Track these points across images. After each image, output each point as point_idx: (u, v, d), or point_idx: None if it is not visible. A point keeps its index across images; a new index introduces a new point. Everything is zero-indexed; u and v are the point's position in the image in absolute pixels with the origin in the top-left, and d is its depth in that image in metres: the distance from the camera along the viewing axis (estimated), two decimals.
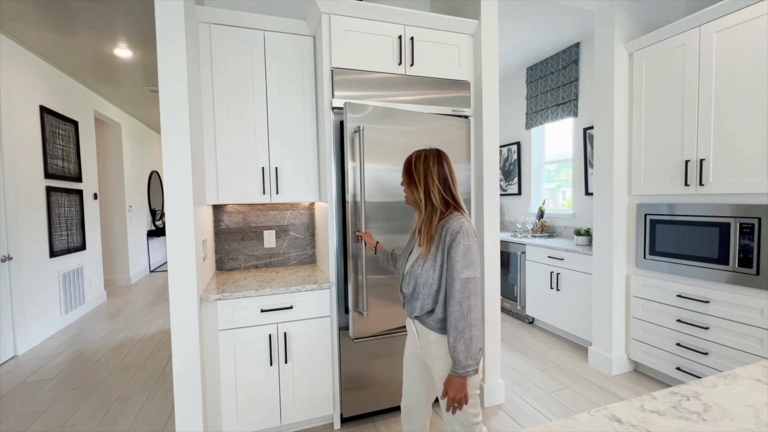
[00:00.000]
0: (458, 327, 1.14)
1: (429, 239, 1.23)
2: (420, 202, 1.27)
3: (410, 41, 2.07)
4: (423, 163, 1.28)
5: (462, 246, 1.17)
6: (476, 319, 1.15)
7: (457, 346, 1.13)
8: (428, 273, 1.24)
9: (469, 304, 1.14)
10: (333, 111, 1.97)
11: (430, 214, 1.25)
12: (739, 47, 1.98)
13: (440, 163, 1.27)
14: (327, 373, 2.00)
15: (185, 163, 1.65)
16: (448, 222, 1.21)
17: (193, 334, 1.68)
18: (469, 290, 1.15)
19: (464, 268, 1.16)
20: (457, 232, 1.18)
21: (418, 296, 1.27)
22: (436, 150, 1.31)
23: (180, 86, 1.63)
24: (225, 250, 2.38)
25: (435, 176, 1.26)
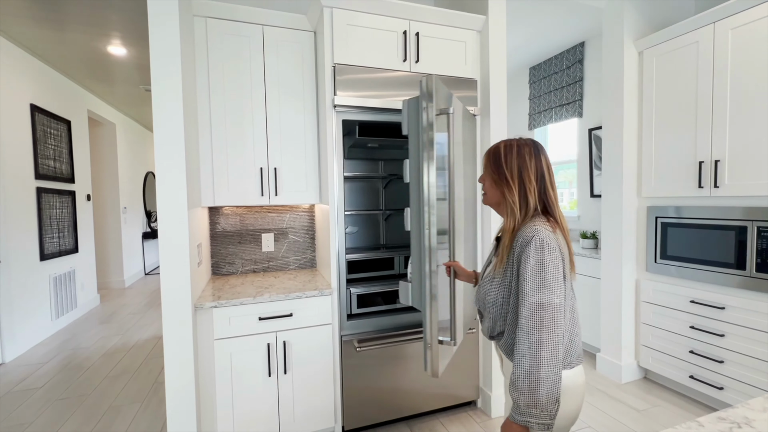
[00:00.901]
0: (522, 364, 0.89)
1: (509, 249, 1.01)
2: (514, 205, 1.01)
3: (416, 37, 1.99)
4: (517, 155, 1.03)
5: (532, 261, 0.92)
6: (549, 358, 0.87)
7: (519, 385, 0.89)
8: (497, 290, 1.03)
9: (539, 338, 0.88)
10: (335, 109, 1.88)
11: (524, 219, 1.02)
12: (756, 44, 1.91)
13: (537, 156, 1.03)
14: (328, 384, 1.91)
15: (179, 163, 1.55)
16: (522, 230, 0.98)
17: (187, 344, 1.58)
18: (541, 319, 0.89)
19: (535, 291, 0.91)
20: (527, 243, 0.94)
21: (488, 315, 1.08)
22: (530, 140, 1.06)
23: (173, 83, 1.54)
24: (221, 254, 2.28)
25: (532, 173, 1.02)
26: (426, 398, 2.10)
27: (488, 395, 2.18)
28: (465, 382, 2.18)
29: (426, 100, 1.31)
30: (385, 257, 2.20)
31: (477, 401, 2.26)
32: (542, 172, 1.03)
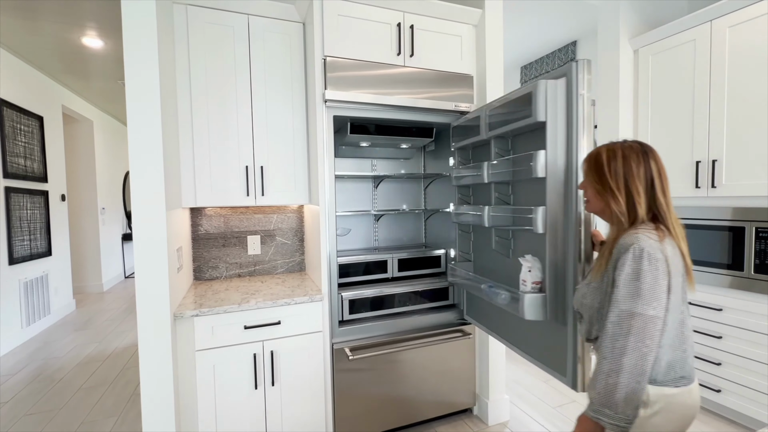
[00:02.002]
0: (603, 366, 0.90)
1: (609, 256, 0.98)
2: (621, 216, 0.96)
3: (410, 30, 1.90)
4: (622, 162, 0.97)
5: (628, 269, 0.89)
6: (631, 366, 0.86)
7: (596, 384, 0.90)
8: (593, 294, 1.02)
9: (624, 345, 0.87)
10: (326, 104, 1.78)
11: (630, 227, 0.96)
12: (754, 42, 1.88)
13: (646, 162, 0.96)
14: (318, 395, 1.81)
15: (156, 161, 1.43)
16: (624, 237, 0.94)
17: (165, 356, 1.46)
18: (629, 327, 0.87)
19: (627, 298, 0.88)
20: (626, 250, 0.91)
21: (585, 318, 1.08)
22: (637, 143, 1.00)
23: (149, 74, 1.42)
24: (204, 258, 2.15)
25: (640, 181, 0.95)
26: (421, 407, 2.01)
27: (485, 402, 2.11)
28: (461, 388, 2.10)
29: (582, 86, 1.21)
30: (379, 260, 2.11)
31: (473, 408, 2.18)
32: (651, 178, 0.96)
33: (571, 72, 1.23)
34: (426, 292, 2.10)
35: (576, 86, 1.22)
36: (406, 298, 2.07)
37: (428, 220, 2.54)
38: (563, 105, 1.27)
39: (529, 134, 1.50)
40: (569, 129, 1.26)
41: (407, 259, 2.16)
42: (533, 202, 1.47)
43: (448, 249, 2.22)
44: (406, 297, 2.07)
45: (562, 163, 1.29)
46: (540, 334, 1.47)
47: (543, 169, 1.30)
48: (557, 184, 1.30)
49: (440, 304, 2.12)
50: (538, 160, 1.30)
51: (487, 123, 1.65)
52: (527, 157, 1.35)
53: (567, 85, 1.26)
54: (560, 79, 1.28)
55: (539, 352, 1.48)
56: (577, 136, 1.23)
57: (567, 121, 1.27)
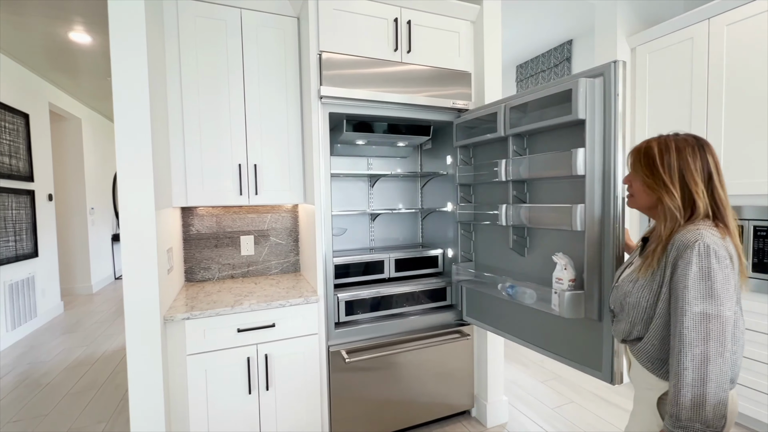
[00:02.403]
0: (685, 378, 0.82)
1: (662, 253, 0.91)
2: (676, 210, 0.91)
3: (407, 25, 1.86)
4: (676, 155, 0.92)
5: (695, 268, 0.83)
6: (717, 373, 0.81)
7: (680, 399, 0.82)
8: (641, 293, 0.95)
9: (706, 351, 0.81)
10: (321, 101, 1.74)
11: (686, 223, 0.91)
12: (753, 41, 1.87)
13: (702, 155, 0.92)
14: (314, 399, 1.76)
15: (144, 159, 1.38)
16: (682, 233, 0.88)
17: (155, 362, 1.40)
18: (708, 331, 0.82)
19: (700, 299, 0.82)
20: (687, 247, 0.84)
21: (626, 318, 1.00)
22: (692, 136, 0.95)
23: (138, 70, 1.37)
24: (196, 259, 2.10)
25: (698, 174, 0.90)
26: (419, 409, 1.98)
27: (483, 404, 2.08)
28: (459, 390, 2.07)
29: (619, 85, 1.22)
30: (375, 260, 2.07)
31: (471, 410, 2.15)
32: (710, 172, 0.92)
33: (610, 71, 1.25)
34: (423, 292, 2.07)
35: (613, 85, 1.24)
36: (404, 298, 2.04)
37: (425, 219, 2.50)
38: (600, 103, 1.29)
39: (550, 133, 1.50)
40: (606, 127, 1.27)
41: (404, 259, 2.12)
42: (553, 200, 1.49)
43: (446, 248, 2.19)
44: (403, 298, 2.03)
45: (599, 161, 1.30)
46: (568, 331, 1.46)
47: (582, 167, 1.31)
48: (595, 182, 1.30)
49: (438, 304, 2.08)
50: (577, 158, 1.31)
51: (506, 120, 1.62)
52: (566, 154, 1.36)
53: (604, 84, 1.27)
54: (597, 78, 1.29)
55: (567, 350, 1.47)
56: (614, 134, 1.25)
57: (604, 119, 1.28)
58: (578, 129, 1.34)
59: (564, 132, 1.44)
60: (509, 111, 1.59)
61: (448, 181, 2.16)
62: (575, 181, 1.37)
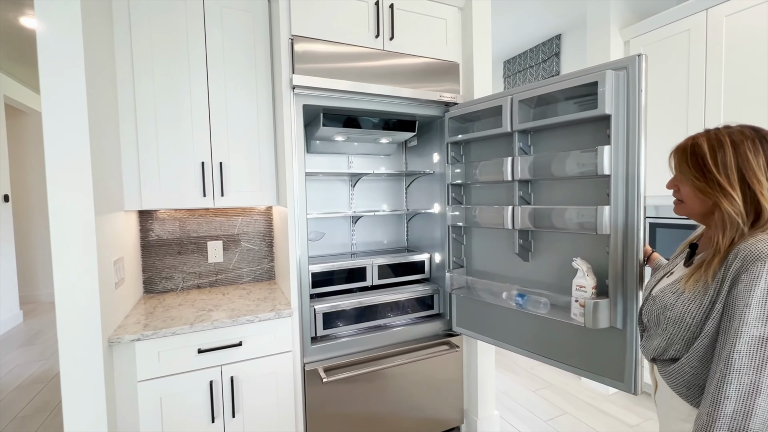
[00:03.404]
0: (725, 409, 0.70)
1: (720, 264, 0.77)
2: (738, 217, 0.77)
3: (390, 9, 1.70)
4: (733, 151, 0.79)
5: (764, 284, 0.69)
6: (765, 408, 0.68)
7: (710, 429, 0.70)
8: (686, 306, 0.81)
9: (758, 381, 0.68)
10: (294, 91, 1.55)
11: (746, 229, 0.78)
12: (753, 31, 1.78)
13: (765, 148, 0.78)
14: (288, 425, 1.58)
15: (81, 157, 1.18)
16: (748, 243, 0.73)
17: (97, 393, 1.20)
18: (764, 359, 0.69)
19: (762, 322, 0.69)
20: (757, 259, 0.70)
21: (661, 334, 0.87)
22: (749, 127, 0.82)
23: (71, 49, 1.16)
24: (156, 268, 1.88)
25: (762, 172, 0.76)
26: (405, 428, 1.82)
27: (474, 419, 1.94)
28: (448, 405, 1.92)
29: (643, 81, 1.15)
30: (357, 266, 1.90)
31: (461, 427, 2.01)
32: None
33: (634, 64, 1.16)
34: (409, 301, 1.91)
35: (638, 79, 1.16)
36: (388, 308, 1.87)
37: (410, 221, 2.34)
38: (624, 98, 1.20)
39: (560, 129, 1.40)
40: (630, 124, 1.19)
41: (388, 266, 1.96)
42: (560, 202, 1.40)
43: (433, 253, 2.03)
44: (387, 307, 1.87)
45: (623, 160, 1.20)
46: (585, 341, 1.36)
47: (609, 166, 1.21)
48: (620, 181, 1.21)
49: (425, 314, 1.93)
50: (603, 156, 1.20)
51: (513, 114, 1.46)
52: (588, 153, 1.25)
53: (628, 78, 1.18)
54: (621, 71, 1.20)
55: (583, 361, 1.37)
56: (638, 131, 1.16)
57: (627, 115, 1.19)
58: (595, 126, 1.27)
59: (579, 128, 1.34)
60: (517, 104, 1.45)
61: (435, 181, 2.00)
62: (593, 181, 1.28)
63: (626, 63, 1.18)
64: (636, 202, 1.17)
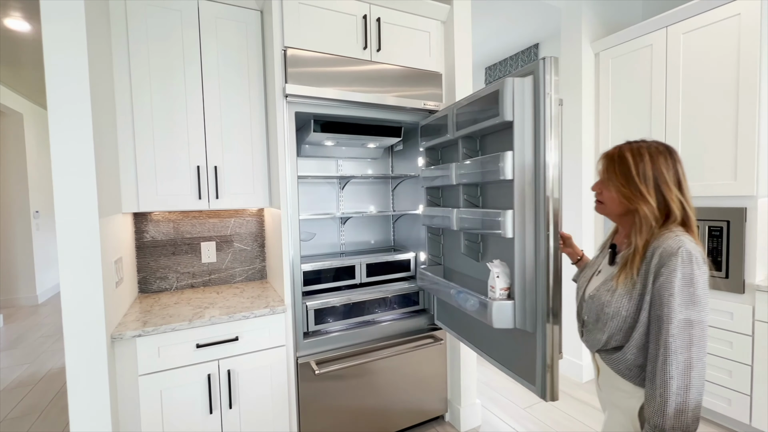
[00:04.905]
0: (669, 386, 0.82)
1: (641, 261, 0.90)
2: (653, 219, 0.90)
3: (377, 23, 1.80)
4: (651, 162, 0.92)
5: (680, 275, 0.83)
6: (698, 378, 0.82)
7: (666, 410, 0.82)
8: (621, 302, 0.93)
9: (689, 357, 0.82)
10: (287, 99, 1.64)
11: (660, 229, 0.91)
12: (706, 49, 1.96)
13: (674, 163, 0.92)
14: (282, 414, 1.67)
15: (85, 160, 1.24)
16: (661, 240, 0.88)
17: (100, 387, 1.27)
18: (691, 337, 0.82)
19: (685, 306, 0.82)
20: (672, 254, 0.84)
21: (603, 328, 0.98)
22: (662, 144, 0.95)
23: (76, 57, 1.22)
24: (151, 268, 1.94)
25: (672, 182, 0.91)
26: (392, 417, 1.93)
27: (457, 408, 2.06)
28: (432, 396, 2.04)
29: (549, 86, 1.14)
30: (346, 265, 1.99)
31: (445, 415, 2.13)
32: (679, 179, 0.92)
33: (538, 70, 1.17)
34: (396, 297, 2.02)
35: (543, 85, 1.17)
36: (375, 304, 1.98)
37: (397, 222, 2.46)
38: (530, 104, 1.22)
39: (498, 134, 1.44)
40: (537, 129, 1.20)
41: (376, 264, 2.06)
42: (502, 204, 1.41)
43: (418, 252, 2.15)
44: (375, 303, 1.98)
45: (530, 165, 1.23)
46: (509, 341, 1.42)
47: (511, 171, 1.25)
48: (526, 186, 1.24)
49: (410, 309, 2.04)
50: (506, 161, 1.25)
51: (454, 122, 1.58)
52: (495, 158, 1.30)
53: (534, 84, 1.20)
54: (527, 77, 1.22)
55: (509, 360, 1.43)
56: (545, 136, 1.17)
57: (534, 120, 1.21)
58: (511, 131, 1.26)
59: (505, 134, 1.34)
60: (456, 114, 1.57)
61: (419, 184, 2.12)
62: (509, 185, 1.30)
63: (533, 68, 1.19)
64: (543, 207, 1.18)
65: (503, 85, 1.24)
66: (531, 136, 1.22)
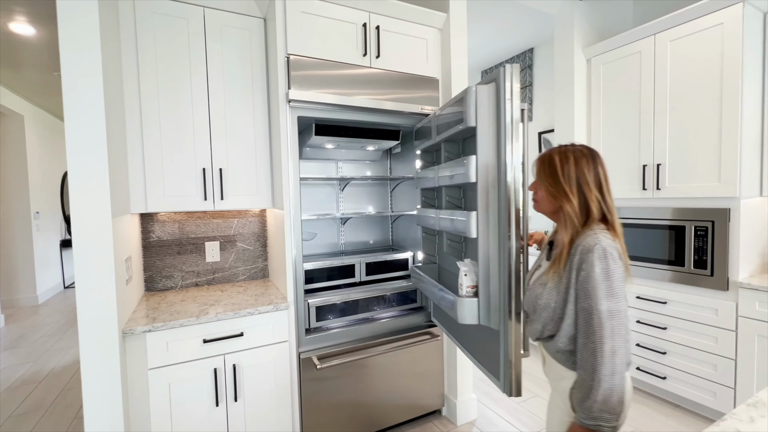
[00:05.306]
0: (596, 373, 0.89)
1: (567, 257, 0.99)
2: (575, 216, 0.99)
3: (376, 31, 1.88)
4: (574, 165, 1.01)
5: (598, 269, 0.91)
6: (621, 365, 0.90)
7: (593, 393, 0.89)
8: (550, 295, 1.02)
9: (613, 346, 0.89)
10: (290, 104, 1.71)
11: (582, 227, 0.99)
12: (692, 56, 2.05)
13: (595, 166, 1.01)
14: (285, 408, 1.73)
15: (100, 162, 1.30)
16: (582, 238, 0.96)
17: (113, 379, 1.33)
18: (612, 327, 0.90)
19: (604, 298, 0.90)
20: (590, 251, 0.92)
21: (538, 318, 1.07)
22: (586, 147, 1.04)
23: (91, 64, 1.28)
24: (156, 267, 2.00)
25: (592, 183, 0.99)
26: (391, 411, 2.00)
27: (453, 402, 2.13)
28: (430, 390, 2.11)
29: (509, 92, 1.19)
30: (346, 264, 2.06)
31: (442, 409, 2.20)
32: (600, 180, 1.01)
33: (500, 78, 1.22)
34: (394, 295, 2.09)
35: (504, 92, 1.21)
36: (375, 302, 2.05)
37: (395, 222, 2.52)
38: (493, 110, 1.26)
39: (471, 139, 1.50)
40: (498, 134, 1.25)
41: (375, 263, 2.13)
42: (472, 206, 1.48)
43: (416, 251, 2.22)
44: (374, 301, 2.04)
45: (493, 168, 1.28)
46: (482, 337, 1.47)
47: (474, 174, 1.31)
48: (489, 189, 1.29)
49: (408, 307, 2.11)
50: (470, 165, 1.32)
51: (436, 127, 1.67)
52: (461, 162, 1.37)
53: (496, 91, 1.25)
54: (490, 84, 1.27)
55: (481, 356, 1.48)
56: (506, 141, 1.22)
57: (497, 126, 1.26)
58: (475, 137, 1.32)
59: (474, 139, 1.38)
60: (437, 118, 1.65)
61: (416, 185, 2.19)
62: None
63: (495, 76, 1.23)
64: (505, 209, 1.22)
65: (467, 92, 1.30)
66: (494, 140, 1.28)
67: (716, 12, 1.94)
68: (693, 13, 2.01)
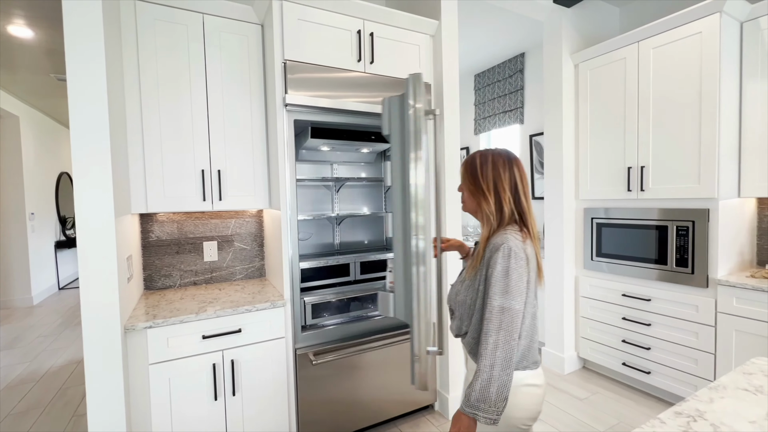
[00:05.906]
0: (482, 362, 0.93)
1: (482, 255, 1.04)
2: (490, 215, 1.06)
3: (370, 37, 1.94)
4: (492, 167, 1.07)
5: (499, 267, 0.96)
6: (504, 359, 0.92)
7: (472, 383, 0.94)
8: (466, 291, 1.08)
9: (496, 340, 0.93)
10: (286, 108, 1.77)
11: (498, 227, 1.05)
12: (673, 63, 2.14)
13: (511, 168, 1.07)
14: (282, 402, 1.78)
15: (103, 163, 1.35)
16: (495, 237, 1.03)
17: (115, 374, 1.37)
18: (501, 322, 0.94)
19: (499, 295, 0.95)
20: (496, 249, 0.98)
21: (458, 314, 1.12)
22: (505, 151, 1.11)
23: (95, 70, 1.33)
24: (155, 266, 2.04)
25: (507, 184, 1.06)
26: (384, 406, 2.05)
27: (445, 397, 2.19)
28: None
29: (413, 99, 1.24)
30: (341, 263, 2.12)
31: (434, 404, 2.26)
32: (515, 182, 1.07)
33: (408, 85, 1.25)
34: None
35: (407, 98, 1.25)
36: (369, 299, 2.11)
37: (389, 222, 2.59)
38: (400, 119, 1.31)
39: None
40: (403, 141, 1.28)
41: (369, 262, 2.19)
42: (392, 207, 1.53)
43: None
44: (368, 299, 2.10)
45: (399, 173, 1.32)
46: None
47: (389, 179, 1.36)
48: (399, 192, 1.32)
49: None
50: (385, 171, 1.37)
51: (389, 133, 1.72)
52: (382, 167, 1.42)
53: (403, 99, 1.29)
54: (401, 94, 1.30)
55: None
56: (408, 147, 1.25)
57: (402, 133, 1.30)
58: None
59: None
60: None
61: None
62: None
63: (406, 85, 1.25)
64: (410, 211, 1.23)
65: (383, 102, 1.35)
66: (400, 147, 1.31)
67: (695, 21, 2.03)
68: (674, 21, 2.10)
